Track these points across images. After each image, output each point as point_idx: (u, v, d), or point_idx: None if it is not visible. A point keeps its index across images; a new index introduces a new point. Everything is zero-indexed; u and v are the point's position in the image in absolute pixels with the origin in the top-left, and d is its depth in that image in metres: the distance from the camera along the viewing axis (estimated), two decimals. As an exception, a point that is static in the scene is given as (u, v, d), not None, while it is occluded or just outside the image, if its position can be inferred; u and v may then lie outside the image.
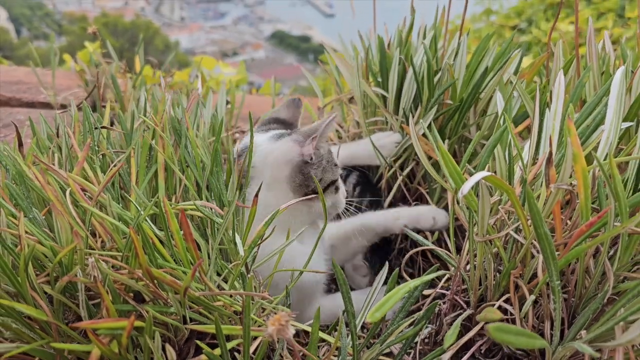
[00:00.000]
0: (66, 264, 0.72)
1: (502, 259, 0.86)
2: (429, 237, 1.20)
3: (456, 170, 0.76)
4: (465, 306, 0.89)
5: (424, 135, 1.19)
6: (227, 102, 1.64)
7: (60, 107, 1.92)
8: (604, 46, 1.23)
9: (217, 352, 0.75)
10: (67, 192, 0.74)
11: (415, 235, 0.93)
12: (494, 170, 0.90)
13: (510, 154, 0.87)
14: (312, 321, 0.79)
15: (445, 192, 1.26)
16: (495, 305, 0.83)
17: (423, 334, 0.93)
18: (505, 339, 0.56)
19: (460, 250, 0.93)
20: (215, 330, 0.72)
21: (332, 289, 1.18)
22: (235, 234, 0.83)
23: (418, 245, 1.01)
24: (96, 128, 0.91)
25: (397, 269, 0.87)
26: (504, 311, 0.84)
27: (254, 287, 0.87)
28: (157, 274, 0.64)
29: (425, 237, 1.19)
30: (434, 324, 0.94)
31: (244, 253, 0.82)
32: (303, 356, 0.78)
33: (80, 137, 0.93)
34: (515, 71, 1.29)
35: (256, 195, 0.82)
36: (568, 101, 0.92)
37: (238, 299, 0.83)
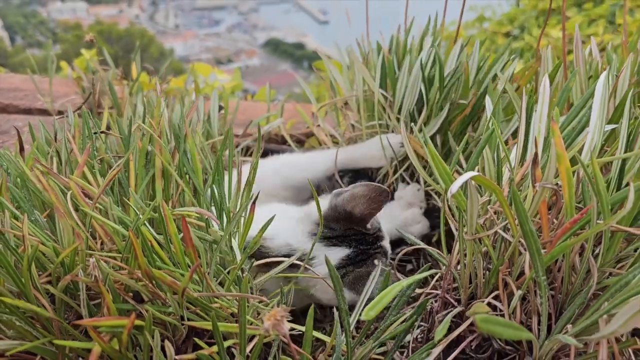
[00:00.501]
0: (68, 264, 0.74)
1: (491, 258, 0.89)
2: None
3: (445, 170, 0.79)
4: (456, 304, 0.92)
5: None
6: (221, 108, 1.66)
7: (57, 114, 1.94)
8: (590, 52, 1.27)
9: (215, 350, 0.77)
10: (69, 195, 0.77)
11: (408, 236, 0.95)
12: (484, 172, 0.93)
13: (499, 156, 0.90)
14: (307, 319, 0.81)
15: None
16: (484, 302, 0.85)
17: (415, 333, 0.95)
18: (492, 330, 0.58)
19: (451, 250, 0.95)
20: (212, 327, 0.74)
21: None
22: (233, 240, 0.86)
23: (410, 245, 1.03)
24: (95, 133, 0.93)
25: (390, 268, 0.89)
26: (494, 308, 0.86)
27: (250, 289, 0.89)
28: (157, 274, 0.66)
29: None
30: (426, 322, 0.96)
31: (240, 258, 0.84)
32: (298, 353, 0.81)
33: (79, 142, 0.95)
34: (510, 77, 1.33)
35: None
36: (554, 104, 0.95)
37: (235, 303, 0.85)
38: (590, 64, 1.22)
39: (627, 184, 0.83)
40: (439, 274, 0.96)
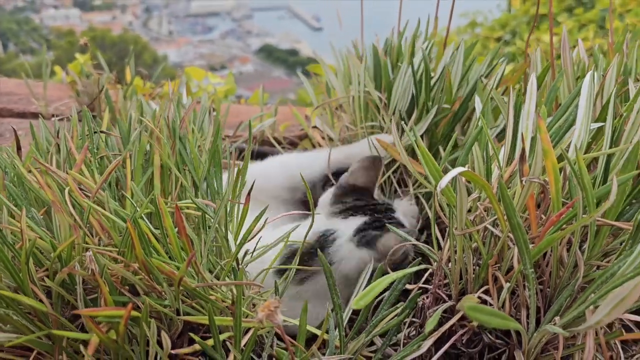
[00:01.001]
0: (65, 258, 0.75)
1: (481, 254, 0.90)
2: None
3: (435, 167, 0.81)
4: (447, 299, 0.93)
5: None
6: (213, 110, 1.68)
7: (51, 118, 1.95)
8: (578, 53, 1.29)
9: (210, 343, 0.79)
10: (66, 191, 0.78)
11: (399, 231, 0.97)
12: (473, 169, 0.95)
13: (488, 154, 0.92)
14: (300, 314, 0.83)
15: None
16: (475, 296, 0.87)
17: (407, 331, 0.96)
18: (479, 318, 0.60)
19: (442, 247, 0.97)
20: (208, 320, 0.76)
21: None
22: (228, 231, 0.87)
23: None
24: (95, 132, 0.95)
25: (383, 263, 0.91)
26: (484, 302, 0.88)
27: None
28: (156, 263, 0.67)
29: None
30: (418, 318, 0.98)
31: (235, 249, 0.86)
32: (292, 346, 0.82)
33: (78, 141, 0.97)
34: (499, 79, 1.35)
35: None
36: (541, 102, 0.97)
37: (230, 295, 0.86)
38: (578, 65, 1.25)
39: (613, 180, 0.86)
40: (430, 270, 0.97)
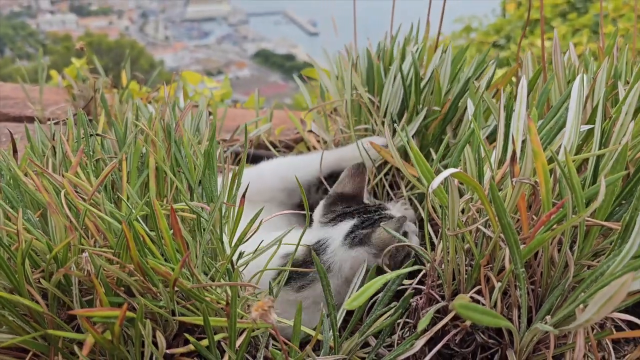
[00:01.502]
0: (61, 259, 0.75)
1: (473, 254, 0.91)
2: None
3: (427, 168, 0.82)
4: (440, 299, 0.94)
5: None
6: (209, 114, 1.69)
7: (47, 121, 1.96)
8: (570, 57, 1.31)
9: (205, 344, 0.79)
10: (62, 193, 0.78)
11: (392, 232, 0.98)
12: (465, 172, 0.96)
13: (480, 156, 0.93)
14: (296, 314, 0.83)
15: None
16: (467, 296, 0.88)
17: (401, 332, 0.97)
18: (470, 316, 0.60)
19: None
20: (202, 321, 0.76)
21: None
22: (223, 233, 0.88)
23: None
24: (91, 135, 0.95)
25: (376, 264, 0.92)
26: (476, 302, 0.89)
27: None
28: (152, 263, 0.68)
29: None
30: (411, 319, 0.98)
31: (230, 251, 0.87)
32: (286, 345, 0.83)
33: (74, 144, 0.97)
34: (489, 81, 1.36)
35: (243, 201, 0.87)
36: (533, 105, 0.99)
37: (225, 297, 0.87)
38: (570, 68, 1.26)
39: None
40: (423, 271, 0.98)
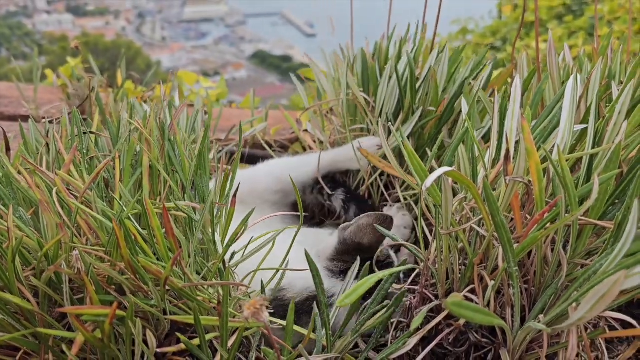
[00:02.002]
0: (52, 257, 0.75)
1: (467, 254, 0.91)
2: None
3: (421, 167, 0.82)
4: (434, 299, 0.94)
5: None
6: (205, 113, 1.69)
7: (42, 120, 1.95)
8: (564, 58, 1.31)
9: (196, 343, 0.79)
10: (54, 191, 0.78)
11: (387, 232, 0.97)
12: (460, 171, 0.96)
13: (474, 155, 0.93)
14: (289, 313, 0.83)
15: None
16: (461, 295, 0.88)
17: (395, 333, 0.97)
18: (463, 314, 0.60)
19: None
20: (194, 320, 0.76)
21: None
22: (215, 233, 0.88)
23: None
24: (85, 133, 0.95)
25: (369, 262, 0.91)
26: (470, 301, 0.88)
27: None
28: (143, 262, 0.68)
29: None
30: (405, 318, 0.98)
31: (222, 251, 0.86)
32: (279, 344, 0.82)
33: (68, 142, 0.97)
34: (486, 82, 1.37)
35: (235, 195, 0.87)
36: (527, 105, 0.99)
37: (217, 296, 0.87)
38: (564, 69, 1.26)
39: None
40: (417, 271, 0.98)
